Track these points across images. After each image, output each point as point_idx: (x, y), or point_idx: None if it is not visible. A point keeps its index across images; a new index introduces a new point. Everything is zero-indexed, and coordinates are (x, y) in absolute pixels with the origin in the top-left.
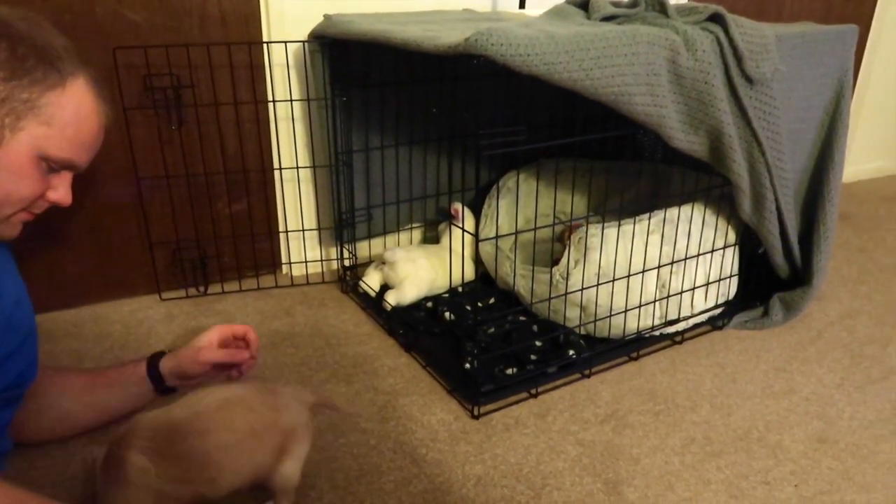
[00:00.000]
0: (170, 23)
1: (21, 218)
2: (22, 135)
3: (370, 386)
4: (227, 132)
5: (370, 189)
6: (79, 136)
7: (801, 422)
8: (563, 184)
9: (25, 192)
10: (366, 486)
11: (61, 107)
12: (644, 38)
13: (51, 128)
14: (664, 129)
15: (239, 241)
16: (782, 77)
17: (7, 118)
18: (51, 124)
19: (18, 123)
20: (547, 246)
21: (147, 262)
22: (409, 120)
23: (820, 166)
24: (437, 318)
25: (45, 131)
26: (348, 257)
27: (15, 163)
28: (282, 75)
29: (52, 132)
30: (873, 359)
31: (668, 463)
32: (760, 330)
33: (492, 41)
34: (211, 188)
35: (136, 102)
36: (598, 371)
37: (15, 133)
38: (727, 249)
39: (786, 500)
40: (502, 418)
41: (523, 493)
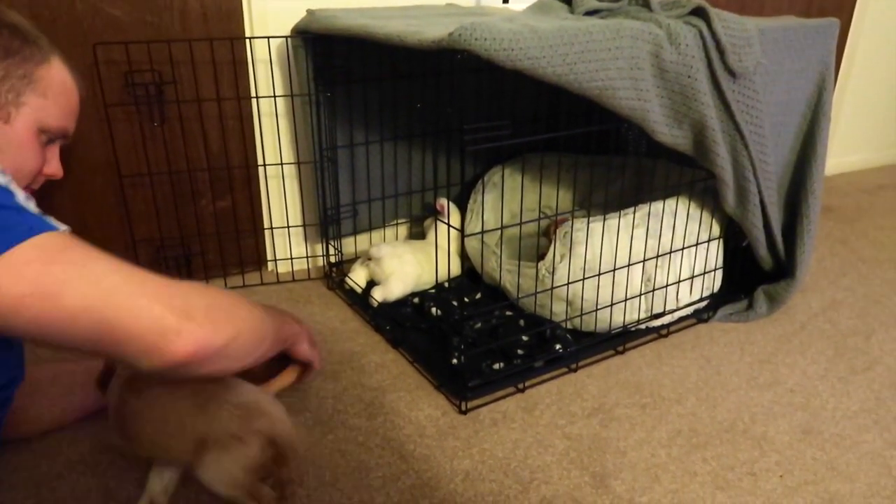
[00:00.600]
0: (151, 18)
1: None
2: (25, 109)
3: (357, 382)
4: (210, 129)
5: (355, 185)
6: (69, 104)
7: (785, 413)
8: (548, 178)
9: (32, 165)
10: (353, 483)
11: (51, 80)
12: (627, 32)
13: (47, 100)
14: (648, 122)
15: (223, 238)
16: (765, 70)
17: (9, 94)
18: (46, 96)
19: (20, 99)
20: (533, 240)
21: (130, 259)
22: (393, 115)
23: (803, 159)
24: (423, 313)
25: (42, 103)
26: (334, 254)
27: (23, 137)
28: (265, 71)
29: (48, 104)
30: (856, 350)
31: (654, 455)
32: (745, 322)
33: (475, 36)
34: (194, 185)
35: (117, 99)
36: (584, 365)
37: (19, 108)
38: (711, 243)
39: (771, 490)
40: (490, 413)
41: (511, 487)
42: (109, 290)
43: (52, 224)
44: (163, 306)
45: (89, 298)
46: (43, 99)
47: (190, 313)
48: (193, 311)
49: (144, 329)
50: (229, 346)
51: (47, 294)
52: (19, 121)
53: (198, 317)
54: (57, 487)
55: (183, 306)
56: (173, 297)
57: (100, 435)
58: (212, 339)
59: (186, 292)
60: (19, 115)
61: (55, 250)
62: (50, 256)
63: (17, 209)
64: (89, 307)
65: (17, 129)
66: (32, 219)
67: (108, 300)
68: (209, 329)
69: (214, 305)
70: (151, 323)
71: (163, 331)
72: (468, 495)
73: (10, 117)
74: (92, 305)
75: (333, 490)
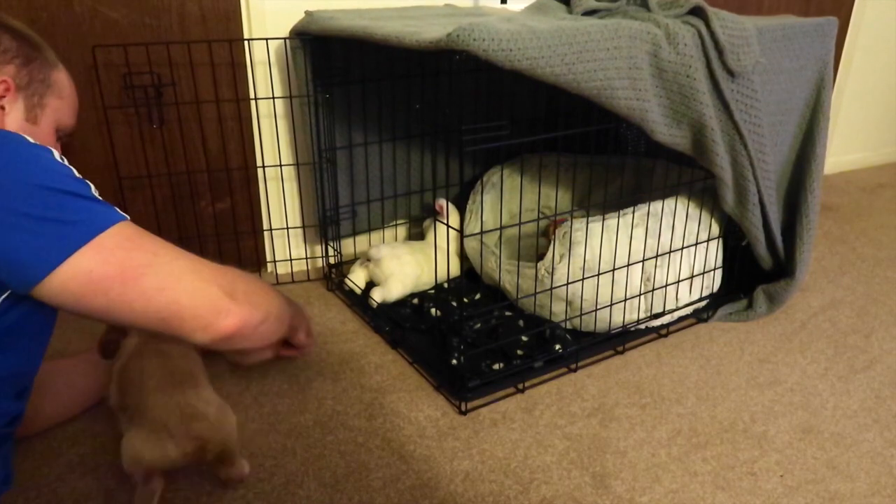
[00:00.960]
0: (149, 20)
1: None
2: (48, 110)
3: (357, 383)
4: (209, 130)
5: (354, 186)
6: (75, 105)
7: (785, 412)
8: (547, 178)
9: None
10: (353, 484)
11: (63, 82)
12: (626, 31)
13: (62, 101)
14: (647, 122)
15: (223, 239)
16: (763, 70)
17: (34, 98)
18: (62, 97)
19: (43, 101)
20: (532, 241)
21: None
22: (392, 116)
23: (802, 158)
24: (423, 314)
25: (59, 104)
26: (333, 255)
27: (47, 137)
28: (264, 72)
29: (64, 104)
30: (856, 349)
31: (654, 455)
32: (745, 322)
33: (474, 36)
34: (193, 187)
35: (116, 101)
36: (584, 365)
37: (44, 110)
38: (711, 242)
39: (771, 490)
40: (489, 413)
41: (511, 487)
42: (178, 274)
43: (122, 213)
44: (217, 287)
45: (164, 281)
46: (60, 100)
47: (235, 295)
48: (237, 293)
49: (203, 308)
50: (262, 324)
51: (130, 276)
52: (44, 122)
53: (240, 298)
54: (58, 489)
55: (230, 288)
56: (223, 280)
57: (100, 436)
58: (251, 318)
59: (233, 277)
60: (44, 117)
61: (135, 237)
62: (132, 243)
63: (95, 199)
64: (164, 288)
65: (43, 129)
66: (110, 208)
67: (177, 283)
68: (248, 309)
69: (252, 290)
70: (209, 302)
71: (217, 309)
72: (468, 496)
73: (37, 119)
74: (166, 287)
75: (334, 491)
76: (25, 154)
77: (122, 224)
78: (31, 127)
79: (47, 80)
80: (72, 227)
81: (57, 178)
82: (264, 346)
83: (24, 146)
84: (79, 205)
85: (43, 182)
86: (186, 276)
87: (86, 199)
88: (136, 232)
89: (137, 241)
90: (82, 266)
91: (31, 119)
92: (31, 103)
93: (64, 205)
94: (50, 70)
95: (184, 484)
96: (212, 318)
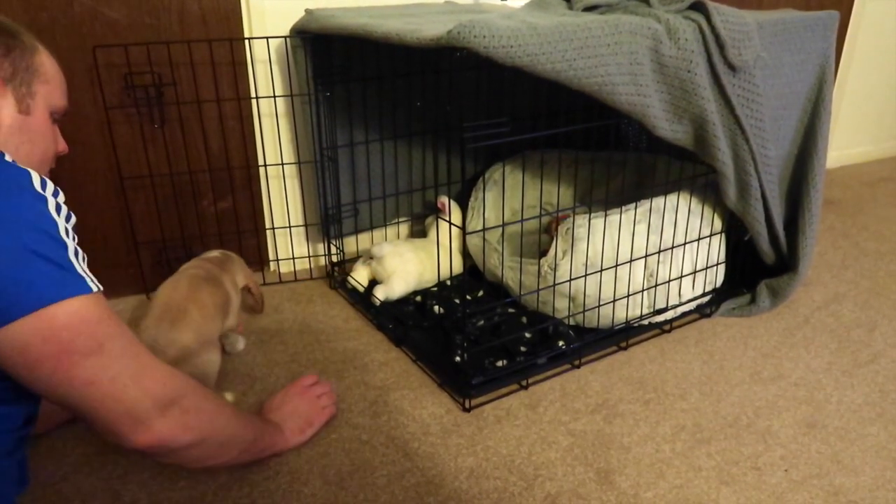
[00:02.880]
0: (149, 20)
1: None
2: (38, 98)
3: (361, 381)
4: (210, 130)
5: (356, 184)
6: (63, 84)
7: (789, 407)
8: (549, 175)
9: (53, 147)
10: (358, 482)
11: (46, 64)
12: (626, 27)
13: (49, 84)
14: (648, 118)
15: (225, 238)
16: (764, 64)
17: (22, 88)
18: (49, 81)
19: (31, 89)
20: (534, 237)
21: (133, 262)
22: (393, 114)
23: (804, 152)
24: (425, 311)
25: (48, 88)
26: (336, 253)
27: (42, 123)
28: (264, 71)
29: (52, 87)
30: (860, 343)
31: (658, 451)
32: (748, 317)
33: (474, 33)
34: (195, 186)
35: (117, 101)
36: (587, 361)
37: (34, 98)
38: (713, 237)
39: (776, 484)
40: (493, 410)
41: (516, 484)
42: (114, 374)
43: (89, 286)
44: (149, 399)
45: (97, 377)
46: (46, 84)
47: (168, 410)
48: (173, 409)
49: (121, 416)
50: (193, 448)
51: (65, 362)
52: (37, 110)
53: (173, 415)
54: (62, 489)
55: (167, 401)
56: (164, 391)
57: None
58: (173, 440)
59: (181, 391)
60: (36, 105)
61: (91, 319)
62: (85, 326)
63: (64, 266)
64: (93, 383)
65: (38, 118)
66: (76, 280)
67: (109, 384)
68: (176, 429)
69: (197, 408)
70: (128, 412)
71: (134, 421)
72: (473, 493)
73: (30, 109)
74: (95, 382)
75: (338, 489)
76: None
77: (83, 300)
78: (26, 118)
79: (31, 66)
80: (26, 290)
81: (34, 237)
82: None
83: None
84: (42, 269)
85: (22, 241)
86: (121, 379)
87: (54, 264)
88: (95, 313)
89: (91, 325)
90: (19, 337)
91: (23, 110)
92: (21, 94)
93: (29, 265)
94: (31, 56)
95: (187, 483)
96: (126, 430)
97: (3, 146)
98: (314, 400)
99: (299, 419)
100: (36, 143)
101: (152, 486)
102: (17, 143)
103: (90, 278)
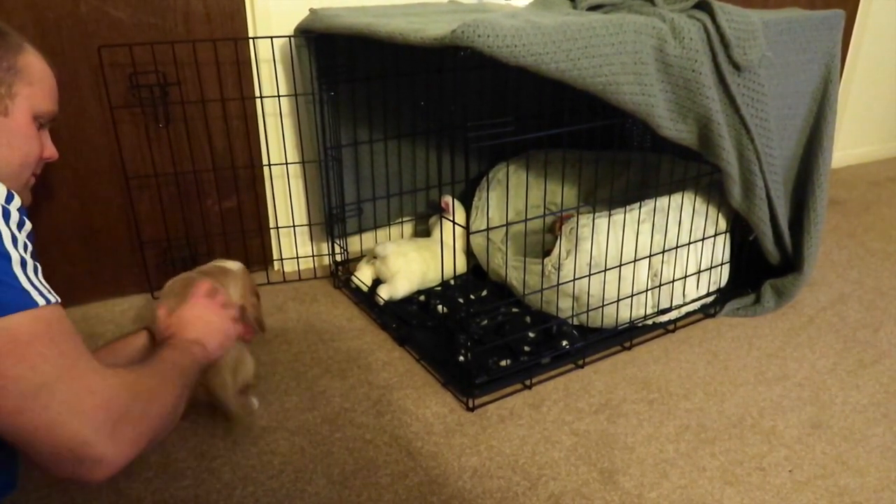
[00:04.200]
0: (154, 20)
1: (31, 182)
2: (19, 99)
3: (364, 380)
4: (214, 129)
5: (360, 183)
6: (52, 87)
7: (794, 407)
8: (553, 174)
9: (35, 151)
10: (362, 481)
11: (32, 66)
12: (631, 26)
13: (34, 86)
14: (652, 117)
15: (229, 238)
16: (769, 63)
17: (1, 88)
18: (33, 83)
19: (12, 90)
20: (538, 237)
21: (138, 261)
22: (397, 113)
23: (809, 152)
24: (429, 311)
25: (32, 91)
26: (339, 252)
27: (23, 126)
28: (268, 71)
29: (36, 90)
30: (865, 343)
31: (662, 451)
32: (752, 317)
33: (478, 33)
34: (200, 186)
35: (122, 101)
36: (591, 361)
37: (14, 100)
38: (718, 237)
39: (780, 485)
40: (497, 410)
41: (519, 483)
42: (46, 403)
43: (32, 300)
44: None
45: (26, 404)
46: (31, 87)
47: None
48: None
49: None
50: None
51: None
52: (17, 112)
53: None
54: (68, 487)
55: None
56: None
57: None
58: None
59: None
60: (15, 107)
61: (28, 340)
62: (14, 346)
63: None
64: (24, 412)
65: (17, 120)
66: (18, 296)
67: (42, 412)
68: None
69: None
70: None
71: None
72: (476, 492)
73: (8, 110)
74: (26, 410)
75: (342, 488)
76: None
77: (18, 317)
78: (3, 120)
79: (13, 66)
80: None
81: None
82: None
83: None
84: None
85: None
86: (55, 406)
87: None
88: (28, 331)
89: (21, 346)
90: None
91: (1, 112)
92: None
93: None
94: (15, 56)
95: (191, 482)
96: (73, 468)
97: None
98: (223, 312)
99: (219, 334)
100: (14, 147)
101: (156, 484)
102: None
103: (39, 291)
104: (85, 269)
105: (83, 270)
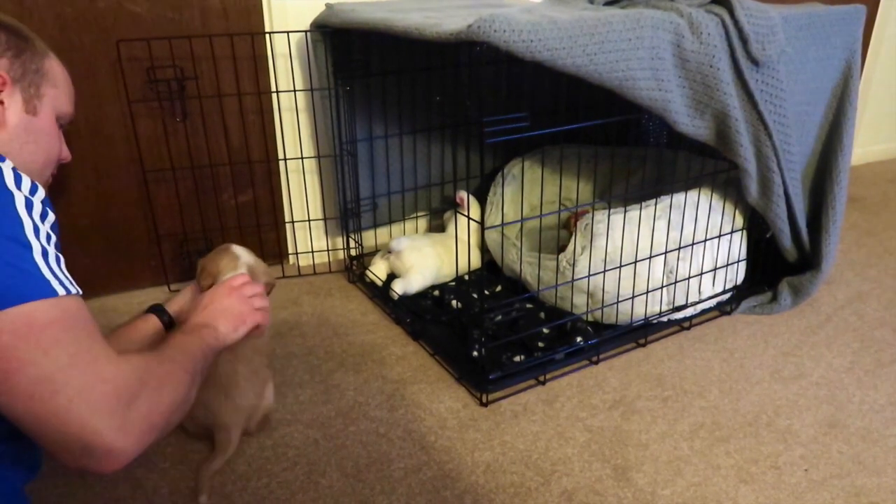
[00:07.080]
0: (172, 14)
1: (49, 181)
2: (45, 100)
3: (378, 375)
4: (231, 123)
5: (375, 178)
6: (71, 91)
7: (810, 406)
8: (568, 170)
9: (57, 151)
10: (375, 474)
11: (56, 70)
12: (648, 21)
13: (57, 89)
14: (669, 113)
15: (245, 231)
16: (789, 59)
17: (31, 89)
18: (57, 86)
19: (40, 91)
20: (553, 233)
21: (154, 254)
22: (412, 108)
23: (828, 149)
24: (443, 306)
25: (55, 92)
26: (354, 247)
27: (48, 125)
28: (285, 66)
29: (59, 92)
30: (883, 342)
31: (676, 448)
32: (769, 315)
33: (494, 28)
34: (216, 180)
35: (140, 95)
36: (605, 357)
37: (41, 100)
38: (734, 234)
39: (796, 484)
40: (510, 405)
41: (532, 479)
42: (57, 389)
43: (52, 289)
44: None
45: (36, 390)
46: (55, 89)
47: (128, 420)
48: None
49: (73, 439)
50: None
51: (3, 371)
52: (43, 112)
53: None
54: (86, 475)
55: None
56: (121, 398)
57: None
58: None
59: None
60: (42, 107)
61: (42, 326)
62: (29, 330)
63: (19, 268)
64: (34, 398)
65: (44, 119)
66: (36, 282)
67: (51, 398)
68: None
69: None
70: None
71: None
72: (489, 487)
73: (36, 110)
74: (38, 397)
75: (355, 482)
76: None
77: (39, 304)
78: (32, 118)
79: (41, 69)
80: None
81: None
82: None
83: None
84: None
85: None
86: (66, 392)
87: (6, 265)
88: (46, 317)
89: (36, 330)
90: None
91: (30, 111)
92: (29, 94)
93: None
94: (42, 59)
95: None
96: (83, 458)
97: (7, 144)
98: (245, 299)
99: (232, 317)
100: (40, 145)
101: (173, 475)
102: (21, 143)
103: (60, 281)
104: (102, 261)
105: (100, 263)
